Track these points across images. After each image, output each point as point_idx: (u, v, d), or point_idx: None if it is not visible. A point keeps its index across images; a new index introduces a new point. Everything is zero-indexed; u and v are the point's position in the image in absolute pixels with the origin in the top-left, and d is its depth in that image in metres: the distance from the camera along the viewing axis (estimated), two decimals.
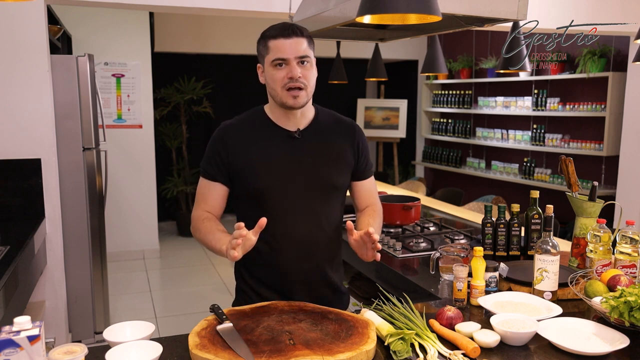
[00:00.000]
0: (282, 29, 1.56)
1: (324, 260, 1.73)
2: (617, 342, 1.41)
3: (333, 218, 1.74)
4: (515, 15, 1.96)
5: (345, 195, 1.80)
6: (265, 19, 3.26)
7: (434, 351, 1.37)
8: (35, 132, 2.94)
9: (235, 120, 1.72)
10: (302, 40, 1.57)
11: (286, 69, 1.57)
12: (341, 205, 1.78)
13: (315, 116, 1.72)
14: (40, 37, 2.89)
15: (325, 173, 1.68)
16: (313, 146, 1.68)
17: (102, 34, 5.08)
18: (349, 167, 1.74)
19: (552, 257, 1.71)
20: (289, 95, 1.58)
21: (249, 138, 1.67)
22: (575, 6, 3.69)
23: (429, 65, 3.72)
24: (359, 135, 1.77)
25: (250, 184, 1.65)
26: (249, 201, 1.68)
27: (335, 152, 1.71)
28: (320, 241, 1.71)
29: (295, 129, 1.67)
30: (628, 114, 4.40)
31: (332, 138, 1.72)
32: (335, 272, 1.79)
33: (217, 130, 1.70)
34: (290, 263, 1.68)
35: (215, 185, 1.67)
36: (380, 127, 6.96)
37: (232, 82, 6.89)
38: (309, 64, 1.59)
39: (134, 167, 5.33)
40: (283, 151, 1.65)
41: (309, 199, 1.67)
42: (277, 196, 1.65)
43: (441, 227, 2.87)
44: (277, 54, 1.56)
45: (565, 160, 2.14)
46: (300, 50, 1.56)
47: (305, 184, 1.66)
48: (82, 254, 3.33)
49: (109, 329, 1.43)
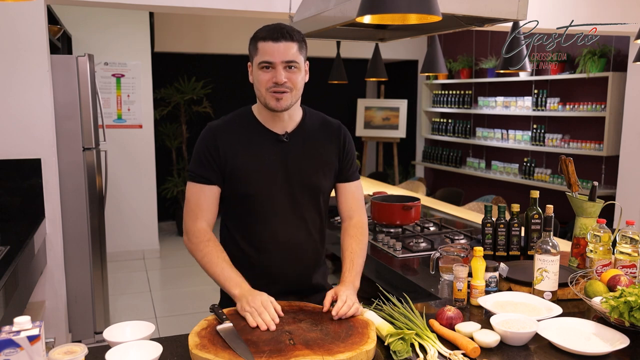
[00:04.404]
0: (272, 31, 1.55)
1: (309, 262, 1.75)
2: (617, 342, 1.41)
3: (318, 220, 1.75)
4: (515, 15, 1.96)
5: (329, 197, 1.79)
6: (266, 19, 3.27)
7: (434, 351, 1.37)
8: (35, 132, 2.94)
9: (222, 120, 1.70)
10: (292, 45, 1.56)
11: (272, 73, 1.56)
12: (325, 207, 1.78)
13: (303, 118, 1.71)
14: (40, 37, 2.89)
15: (312, 177, 1.68)
16: (300, 149, 1.67)
17: (102, 34, 5.08)
18: (334, 169, 1.74)
19: (552, 257, 1.71)
20: (273, 97, 1.58)
21: (238, 140, 1.65)
22: (575, 6, 3.69)
23: (429, 65, 3.72)
24: (344, 137, 1.76)
25: (238, 188, 1.64)
26: (236, 204, 1.67)
27: (322, 155, 1.71)
28: (306, 243, 1.72)
29: (283, 131, 1.67)
30: (628, 114, 4.40)
31: (319, 141, 1.71)
32: (318, 273, 1.80)
33: (205, 132, 1.67)
34: (276, 265, 1.69)
35: (210, 188, 1.64)
36: (380, 127, 6.96)
37: (232, 82, 6.89)
38: (297, 69, 1.58)
39: (134, 167, 5.33)
40: (272, 155, 1.65)
41: (296, 203, 1.67)
42: (265, 200, 1.64)
43: (441, 227, 2.87)
44: (264, 56, 1.55)
45: (565, 160, 2.14)
46: (288, 55, 1.55)
47: (292, 188, 1.66)
48: (82, 254, 3.33)
49: (109, 329, 1.42)
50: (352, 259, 1.68)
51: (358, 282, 1.65)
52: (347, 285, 1.59)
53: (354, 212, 1.78)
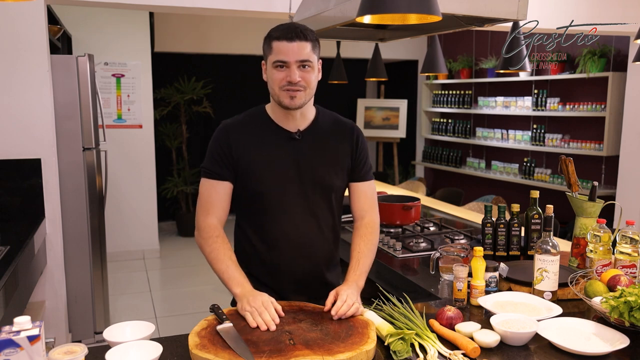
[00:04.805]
0: (287, 31, 1.58)
1: (321, 261, 1.75)
2: (617, 342, 1.41)
3: (330, 219, 1.75)
4: (515, 15, 1.96)
5: (342, 196, 1.80)
6: (266, 19, 3.26)
7: (434, 351, 1.37)
8: (35, 132, 2.94)
9: (235, 119, 1.73)
10: (306, 45, 1.58)
11: (286, 72, 1.58)
12: (339, 206, 1.79)
13: (316, 117, 1.73)
14: (40, 37, 2.89)
15: (324, 175, 1.69)
16: (313, 147, 1.69)
17: (102, 34, 5.08)
18: (346, 169, 1.75)
19: (552, 257, 1.71)
20: (286, 95, 1.60)
21: (251, 137, 1.68)
22: (575, 6, 3.69)
23: (429, 65, 3.72)
24: (357, 137, 1.77)
25: (250, 185, 1.66)
26: (248, 201, 1.70)
27: (334, 154, 1.72)
28: (317, 242, 1.72)
29: (296, 129, 1.69)
30: (628, 114, 4.40)
31: (332, 139, 1.73)
32: (331, 272, 1.80)
33: (219, 130, 1.71)
34: (287, 263, 1.70)
35: (223, 184, 1.67)
36: (380, 127, 6.96)
37: (232, 82, 6.89)
38: (310, 68, 1.61)
39: (134, 167, 5.33)
40: (283, 152, 1.67)
41: (307, 201, 1.68)
42: (276, 197, 1.66)
43: (441, 227, 2.87)
44: (279, 55, 1.58)
45: (565, 160, 2.14)
46: (302, 55, 1.57)
47: (304, 185, 1.67)
48: (82, 254, 3.33)
49: (109, 329, 1.42)
50: (358, 258, 1.68)
51: (362, 282, 1.65)
52: (349, 285, 1.59)
53: (365, 212, 1.79)
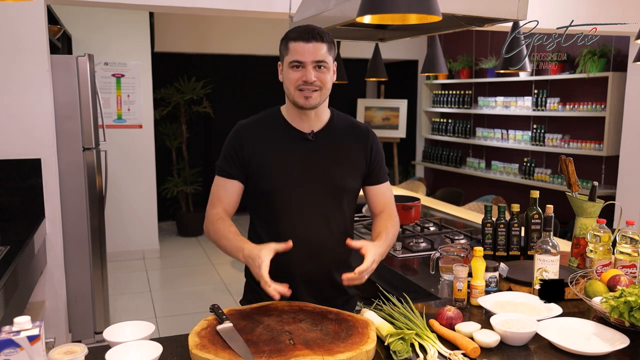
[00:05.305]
0: (304, 32, 1.60)
1: (331, 262, 1.74)
2: (617, 342, 1.41)
3: (342, 221, 1.75)
4: (515, 15, 1.96)
5: (356, 198, 1.81)
6: (266, 19, 3.27)
7: (434, 351, 1.37)
8: (35, 132, 2.94)
9: (251, 119, 1.75)
10: (322, 46, 1.60)
11: (302, 72, 1.60)
12: (351, 208, 1.79)
13: (330, 119, 1.75)
14: (40, 37, 2.89)
15: (336, 176, 1.70)
16: (326, 148, 1.70)
17: (102, 34, 5.08)
18: (360, 171, 1.75)
19: (552, 257, 1.71)
20: (301, 95, 1.62)
21: (264, 138, 1.70)
22: (575, 6, 3.69)
23: (429, 65, 3.72)
24: (372, 140, 1.78)
25: (262, 184, 1.68)
26: (260, 200, 1.71)
27: (348, 155, 1.73)
28: (328, 243, 1.72)
29: (310, 130, 1.70)
30: (628, 114, 4.40)
31: (346, 141, 1.74)
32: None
33: (234, 130, 1.74)
34: (297, 263, 1.69)
35: (232, 182, 1.70)
36: (380, 127, 6.95)
37: (232, 82, 6.89)
38: (326, 68, 1.63)
39: (134, 167, 5.33)
40: (296, 153, 1.68)
41: (319, 201, 1.69)
42: (288, 197, 1.67)
43: (441, 227, 2.87)
44: (295, 56, 1.60)
45: (565, 160, 2.14)
46: (318, 55, 1.59)
47: (316, 186, 1.68)
48: (82, 254, 3.33)
49: (109, 329, 1.43)
50: (387, 232, 1.68)
51: (385, 250, 1.63)
52: (378, 245, 1.58)
53: (385, 207, 1.80)
